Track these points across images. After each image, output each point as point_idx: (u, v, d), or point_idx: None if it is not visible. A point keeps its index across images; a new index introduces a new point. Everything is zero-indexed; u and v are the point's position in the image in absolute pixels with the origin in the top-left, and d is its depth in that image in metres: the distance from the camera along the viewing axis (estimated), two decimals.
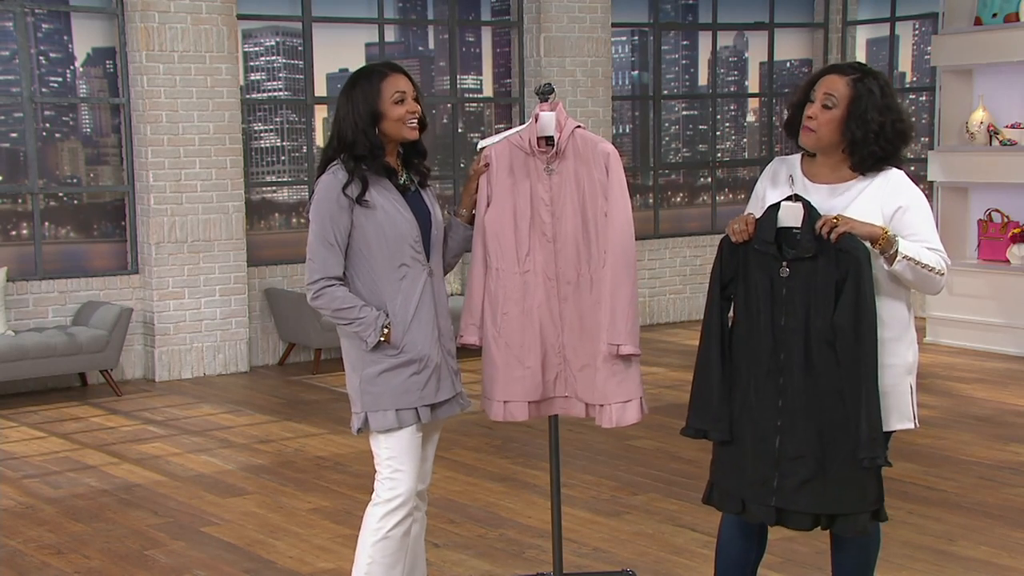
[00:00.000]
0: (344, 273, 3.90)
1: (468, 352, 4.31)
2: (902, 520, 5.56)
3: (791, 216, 3.63)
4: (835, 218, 3.54)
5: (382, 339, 3.85)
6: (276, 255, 9.82)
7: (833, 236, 3.52)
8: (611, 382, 4.10)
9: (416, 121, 3.89)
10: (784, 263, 3.63)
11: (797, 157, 3.83)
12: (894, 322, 3.69)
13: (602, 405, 4.13)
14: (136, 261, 9.18)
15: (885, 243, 3.54)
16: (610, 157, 4.04)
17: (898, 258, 3.55)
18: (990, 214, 10.05)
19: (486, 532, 5.53)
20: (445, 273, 4.12)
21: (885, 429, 3.65)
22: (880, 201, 3.65)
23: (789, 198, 3.64)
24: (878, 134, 3.62)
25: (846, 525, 3.69)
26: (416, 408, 3.92)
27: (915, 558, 5.09)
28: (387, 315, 3.87)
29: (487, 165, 4.14)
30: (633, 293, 4.07)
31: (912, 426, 3.74)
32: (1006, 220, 9.94)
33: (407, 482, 3.92)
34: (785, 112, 3.88)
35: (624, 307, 4.05)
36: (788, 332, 3.63)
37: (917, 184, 3.80)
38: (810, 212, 3.60)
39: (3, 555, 5.33)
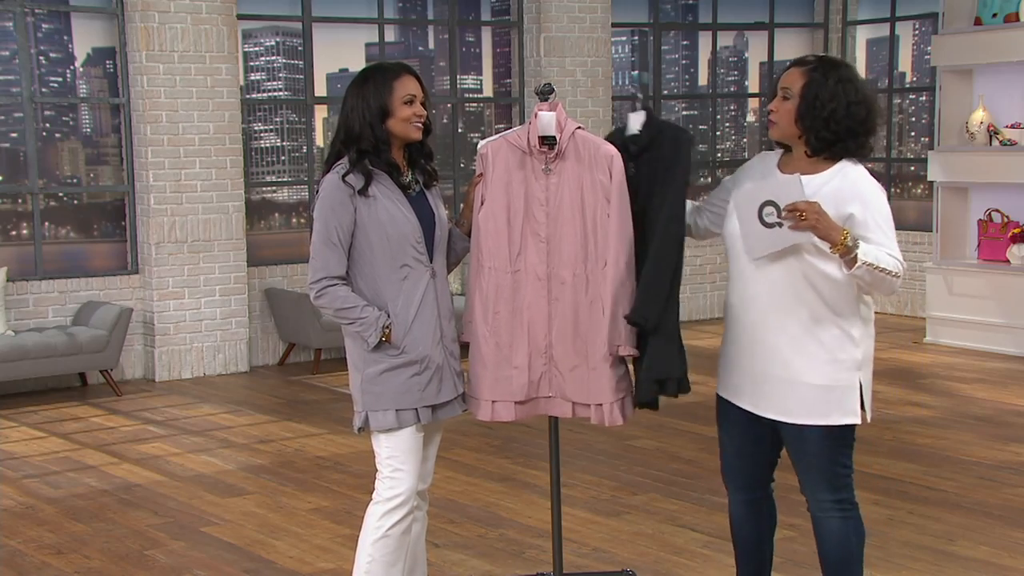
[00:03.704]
0: (347, 272, 3.91)
1: (466, 351, 4.31)
2: (902, 520, 5.56)
3: (635, 122, 4.03)
4: (806, 210, 3.56)
5: (383, 339, 3.86)
6: (276, 255, 9.82)
7: (796, 227, 3.58)
8: (608, 381, 4.08)
9: (422, 124, 3.92)
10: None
11: (777, 152, 3.92)
12: (857, 320, 3.77)
13: (599, 404, 4.11)
14: (136, 261, 9.18)
15: (843, 249, 3.58)
16: (613, 159, 4.05)
17: (858, 263, 3.60)
18: (990, 214, 10.05)
19: (486, 532, 5.53)
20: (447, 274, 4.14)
21: (825, 423, 3.74)
22: (838, 198, 3.68)
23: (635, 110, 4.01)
24: (827, 119, 3.69)
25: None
26: (416, 409, 3.93)
27: (915, 558, 5.09)
28: (388, 315, 3.89)
29: (482, 175, 4.14)
30: (633, 295, 4.06)
31: (858, 421, 3.79)
32: (1006, 220, 9.94)
33: (407, 481, 3.92)
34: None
35: (624, 309, 4.05)
36: None
37: (878, 180, 3.85)
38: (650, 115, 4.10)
39: (3, 555, 5.33)
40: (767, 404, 3.82)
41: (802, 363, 3.74)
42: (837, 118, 3.68)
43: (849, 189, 3.68)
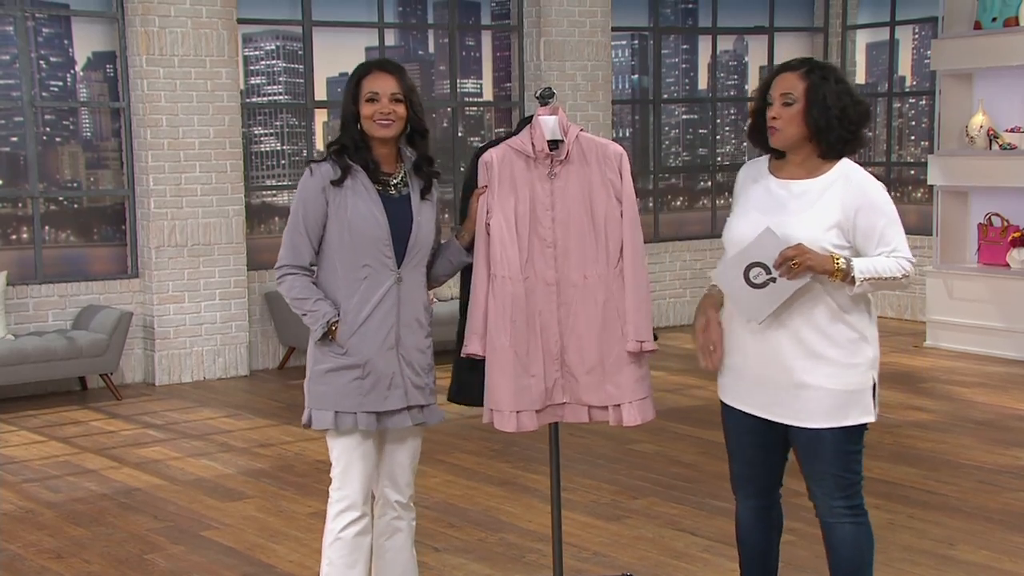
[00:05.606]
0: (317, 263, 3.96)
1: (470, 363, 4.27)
2: (902, 524, 5.56)
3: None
4: (795, 257, 3.59)
5: (328, 335, 3.87)
6: (276, 259, 9.76)
7: (793, 276, 3.61)
8: (630, 380, 4.07)
9: (388, 121, 3.86)
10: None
11: (765, 158, 3.89)
12: (867, 318, 3.77)
13: (618, 405, 4.10)
14: (136, 265, 9.18)
15: (841, 275, 3.64)
16: (622, 158, 4.06)
17: (858, 283, 3.65)
18: (990, 218, 10.05)
19: (486, 536, 5.52)
20: (431, 288, 4.07)
21: (847, 423, 3.72)
22: (842, 202, 3.71)
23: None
24: (840, 118, 3.70)
25: None
26: (356, 413, 3.89)
27: (916, 562, 5.09)
28: (339, 312, 3.88)
29: (486, 186, 4.11)
30: (648, 290, 4.08)
31: (872, 419, 3.81)
32: (1006, 224, 9.94)
33: (354, 483, 3.91)
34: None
35: (644, 304, 4.05)
36: None
37: (877, 178, 3.87)
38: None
39: (3, 559, 5.33)
40: (781, 410, 3.77)
41: (818, 368, 3.71)
42: (849, 116, 3.70)
43: (856, 192, 3.71)
